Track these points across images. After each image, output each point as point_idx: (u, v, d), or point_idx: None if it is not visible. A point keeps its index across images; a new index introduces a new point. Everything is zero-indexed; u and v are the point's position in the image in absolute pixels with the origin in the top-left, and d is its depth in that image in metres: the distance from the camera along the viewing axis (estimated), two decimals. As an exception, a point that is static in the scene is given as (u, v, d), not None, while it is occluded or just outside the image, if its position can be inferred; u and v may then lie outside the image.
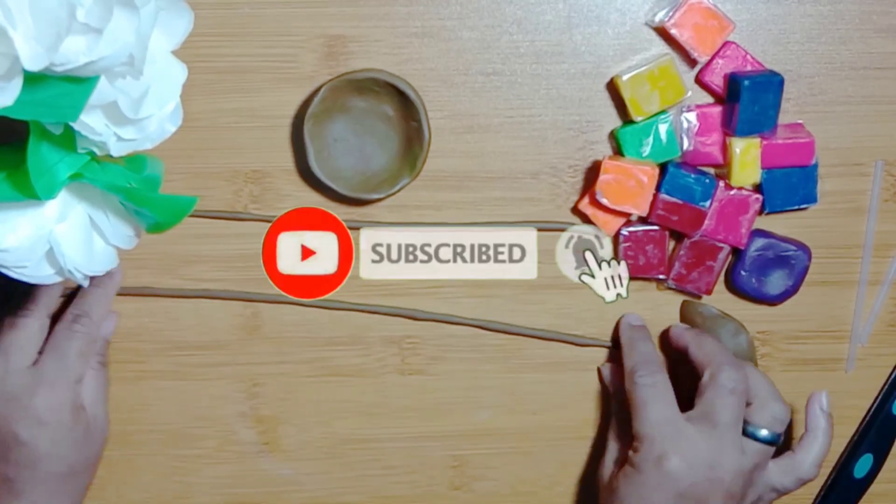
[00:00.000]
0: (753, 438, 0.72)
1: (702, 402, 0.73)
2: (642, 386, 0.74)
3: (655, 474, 0.71)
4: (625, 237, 0.77)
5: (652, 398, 0.73)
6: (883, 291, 0.81)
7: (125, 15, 0.52)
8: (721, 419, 0.71)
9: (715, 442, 0.71)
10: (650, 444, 0.71)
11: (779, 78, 0.74)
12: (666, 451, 0.71)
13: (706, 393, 0.73)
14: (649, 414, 0.72)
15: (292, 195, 0.78)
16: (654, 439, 0.71)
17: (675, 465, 0.70)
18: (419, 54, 0.77)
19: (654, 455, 0.71)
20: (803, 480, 0.74)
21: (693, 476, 0.70)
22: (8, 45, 0.50)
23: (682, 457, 0.70)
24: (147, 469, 0.81)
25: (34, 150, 0.57)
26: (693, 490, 0.70)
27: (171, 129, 0.63)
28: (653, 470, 0.71)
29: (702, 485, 0.70)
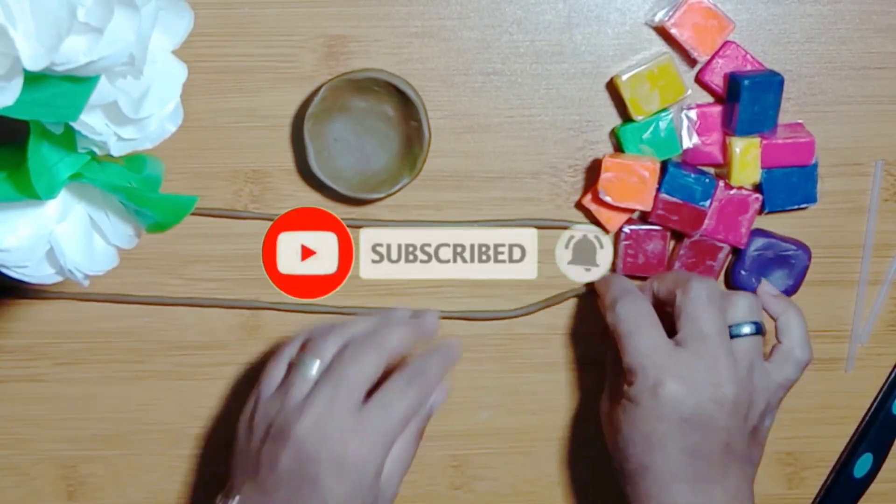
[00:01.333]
0: (738, 337, 0.70)
1: (682, 322, 0.70)
2: (624, 316, 0.71)
3: (654, 404, 0.68)
4: (626, 235, 0.77)
5: (636, 327, 0.70)
6: (883, 291, 0.81)
7: (126, 15, 0.52)
8: (708, 331, 0.69)
9: (708, 358, 0.68)
10: (643, 375, 0.69)
11: (779, 78, 0.74)
12: (660, 378, 0.68)
13: (683, 311, 0.70)
14: (636, 343, 0.70)
15: (292, 195, 0.78)
16: (645, 368, 0.69)
17: (672, 390, 0.68)
18: (419, 54, 0.77)
19: (649, 385, 0.68)
20: (802, 363, 0.72)
21: (694, 397, 0.68)
22: (8, 45, 0.50)
23: (678, 380, 0.68)
24: (147, 469, 0.81)
25: (34, 149, 0.57)
26: (697, 412, 0.68)
27: (172, 129, 0.63)
28: (650, 400, 0.68)
29: (705, 405, 0.68)
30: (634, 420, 0.69)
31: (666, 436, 0.68)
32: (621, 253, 0.78)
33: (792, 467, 0.83)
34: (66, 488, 0.81)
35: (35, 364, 0.80)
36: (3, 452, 0.81)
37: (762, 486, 0.83)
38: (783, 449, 0.83)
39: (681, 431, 0.68)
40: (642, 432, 0.69)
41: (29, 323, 0.79)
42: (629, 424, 0.70)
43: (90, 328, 0.80)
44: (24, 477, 0.81)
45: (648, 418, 0.69)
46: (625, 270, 0.78)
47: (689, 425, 0.68)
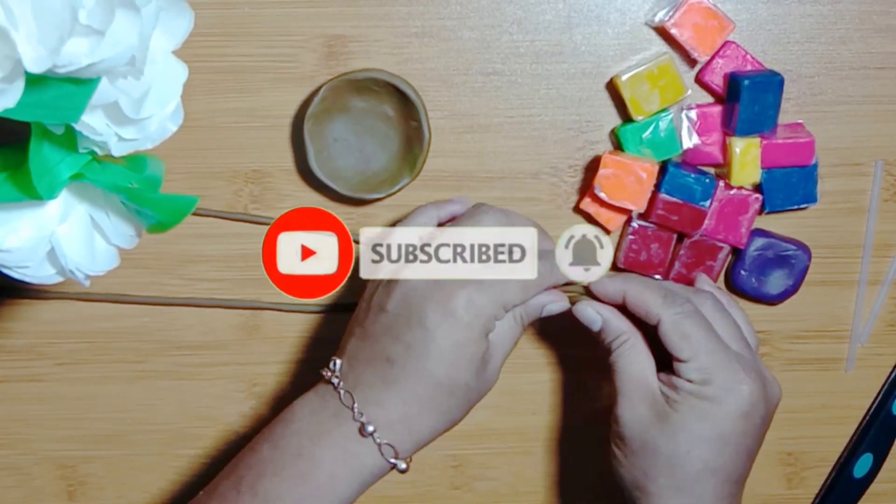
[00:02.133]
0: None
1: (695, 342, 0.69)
2: (683, 315, 0.68)
3: (738, 402, 0.67)
4: (633, 230, 0.77)
5: (698, 325, 0.68)
6: (883, 291, 0.81)
7: (127, 16, 0.52)
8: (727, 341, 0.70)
9: (753, 363, 0.70)
10: (726, 371, 0.68)
11: (779, 78, 0.74)
12: (741, 377, 0.68)
13: (691, 334, 0.68)
14: (712, 342, 0.68)
15: (292, 195, 0.78)
16: (725, 365, 0.68)
17: (754, 389, 0.68)
18: (419, 54, 0.77)
19: (734, 382, 0.68)
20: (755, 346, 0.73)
21: (764, 399, 0.69)
22: (10, 48, 0.50)
23: (753, 380, 0.68)
24: (147, 469, 0.81)
25: (36, 150, 0.57)
26: (764, 413, 0.69)
27: (172, 129, 0.63)
28: (733, 398, 0.67)
29: (767, 407, 0.69)
30: (712, 419, 0.67)
31: (743, 435, 0.68)
32: (625, 247, 0.78)
33: (792, 467, 0.84)
34: (67, 488, 0.81)
35: (35, 364, 0.80)
36: (3, 452, 0.81)
37: (762, 485, 0.83)
38: (783, 449, 0.83)
39: (753, 432, 0.69)
40: (720, 432, 0.68)
41: (29, 323, 0.79)
42: (703, 423, 0.67)
43: (90, 328, 0.80)
44: (25, 477, 0.81)
45: (730, 416, 0.68)
46: (625, 264, 0.78)
47: (755, 426, 0.69)
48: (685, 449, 0.68)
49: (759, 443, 0.70)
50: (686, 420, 0.68)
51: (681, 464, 0.68)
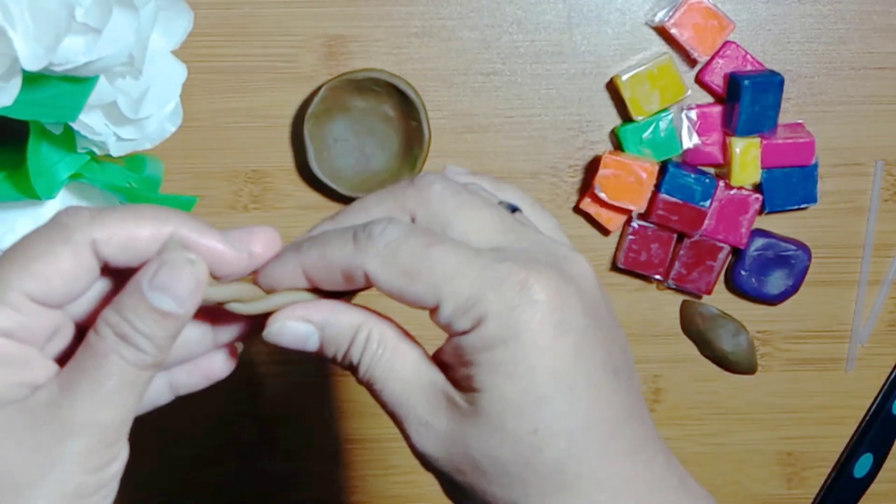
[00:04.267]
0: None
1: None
2: (394, 245, 0.43)
3: (528, 320, 0.42)
4: (633, 230, 0.77)
5: (419, 245, 0.43)
6: (883, 291, 0.81)
7: (124, 15, 0.52)
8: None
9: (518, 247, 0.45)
10: (482, 293, 0.42)
11: (779, 78, 0.74)
12: (509, 288, 0.42)
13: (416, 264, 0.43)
14: (437, 265, 0.43)
15: (292, 195, 0.78)
16: (478, 284, 0.42)
17: (540, 286, 0.42)
18: (419, 54, 0.77)
19: (502, 303, 0.42)
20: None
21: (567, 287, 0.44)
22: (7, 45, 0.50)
23: (537, 272, 0.43)
24: (147, 469, 0.81)
25: (34, 150, 0.57)
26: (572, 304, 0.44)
27: (171, 129, 0.63)
28: (519, 319, 0.42)
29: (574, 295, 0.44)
30: (526, 365, 0.42)
31: (577, 354, 0.44)
32: (625, 247, 0.78)
33: (792, 467, 0.83)
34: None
35: (35, 364, 0.80)
36: (4, 452, 0.81)
37: (762, 485, 0.83)
38: (783, 449, 0.83)
39: (590, 335, 0.45)
40: (552, 373, 0.43)
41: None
42: (520, 381, 0.43)
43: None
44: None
45: (545, 345, 0.43)
46: (625, 264, 0.78)
47: (585, 327, 0.45)
48: (527, 432, 0.42)
49: (614, 331, 0.46)
50: (500, 393, 0.42)
51: (541, 458, 0.43)
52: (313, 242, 0.45)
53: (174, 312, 0.41)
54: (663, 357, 0.81)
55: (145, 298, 0.41)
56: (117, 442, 0.42)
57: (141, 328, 0.41)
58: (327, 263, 0.44)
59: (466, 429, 0.43)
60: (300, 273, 0.45)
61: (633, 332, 0.81)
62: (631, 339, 0.81)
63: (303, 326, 0.45)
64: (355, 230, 0.44)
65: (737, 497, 0.83)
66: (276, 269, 0.45)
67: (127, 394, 0.42)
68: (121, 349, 0.41)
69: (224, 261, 0.43)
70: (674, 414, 0.82)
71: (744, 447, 0.83)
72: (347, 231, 0.44)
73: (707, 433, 0.82)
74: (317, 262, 0.44)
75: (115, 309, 0.41)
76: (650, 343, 0.81)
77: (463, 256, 0.43)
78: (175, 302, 0.41)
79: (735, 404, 0.82)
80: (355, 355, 0.45)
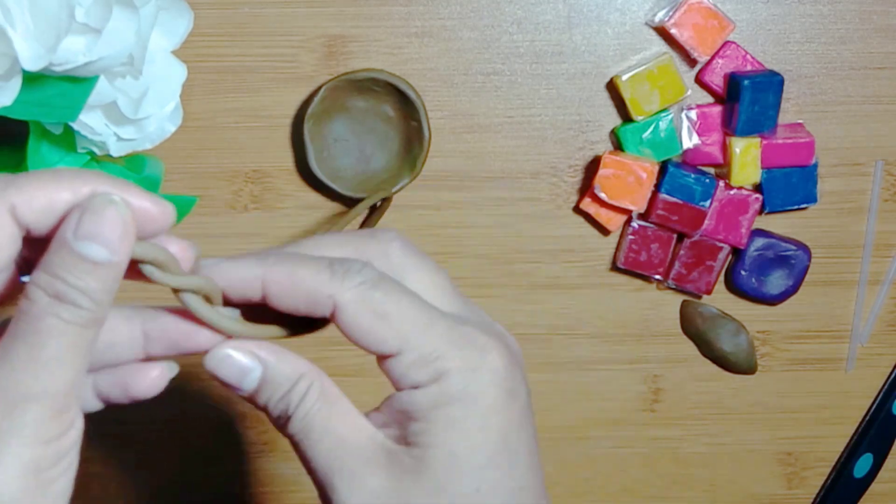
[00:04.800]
0: None
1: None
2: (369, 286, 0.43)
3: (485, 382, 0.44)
4: (633, 230, 0.77)
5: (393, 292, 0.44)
6: (883, 291, 0.81)
7: (124, 15, 0.52)
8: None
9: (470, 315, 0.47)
10: (446, 350, 0.44)
11: (779, 78, 0.74)
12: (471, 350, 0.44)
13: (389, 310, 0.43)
14: (408, 316, 0.43)
15: (292, 195, 0.78)
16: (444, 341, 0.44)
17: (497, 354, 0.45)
18: (419, 54, 0.77)
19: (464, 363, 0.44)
20: None
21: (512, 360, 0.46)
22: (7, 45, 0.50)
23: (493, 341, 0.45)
24: (147, 469, 0.81)
25: (34, 150, 0.57)
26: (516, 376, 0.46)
27: (171, 129, 0.63)
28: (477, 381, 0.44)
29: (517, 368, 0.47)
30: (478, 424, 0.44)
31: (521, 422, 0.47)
32: (625, 247, 0.78)
33: (792, 467, 0.83)
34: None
35: (35, 364, 0.80)
36: (4, 452, 0.81)
37: (762, 486, 0.83)
38: (783, 449, 0.83)
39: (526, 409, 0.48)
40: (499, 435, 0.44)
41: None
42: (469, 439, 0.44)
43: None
44: (25, 477, 0.81)
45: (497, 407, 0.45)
46: (624, 264, 0.78)
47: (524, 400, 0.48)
48: (471, 489, 0.43)
49: (532, 418, 0.47)
50: (447, 450, 0.43)
51: None
52: (283, 259, 0.44)
53: (107, 260, 0.39)
54: (663, 357, 0.81)
55: (74, 250, 0.39)
56: (69, 409, 0.40)
57: (74, 283, 0.39)
58: (294, 283, 0.43)
59: (407, 485, 0.43)
60: (258, 283, 0.44)
61: (633, 332, 0.81)
62: (631, 339, 0.81)
63: (247, 360, 0.45)
64: (331, 261, 0.44)
65: (737, 497, 0.83)
66: (235, 270, 0.44)
67: (71, 356, 0.39)
68: (57, 309, 0.39)
69: (148, 217, 0.41)
70: (674, 414, 0.82)
71: (744, 447, 0.83)
72: (322, 260, 0.44)
73: (707, 433, 0.82)
74: (284, 278, 0.43)
75: (44, 269, 0.39)
76: (650, 343, 0.81)
77: (433, 312, 0.44)
78: (106, 249, 0.39)
79: (735, 404, 0.82)
80: (292, 403, 0.45)
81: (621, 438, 0.82)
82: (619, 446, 0.82)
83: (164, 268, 0.42)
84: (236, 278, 0.44)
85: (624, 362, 0.81)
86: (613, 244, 0.79)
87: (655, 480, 0.83)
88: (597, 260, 0.80)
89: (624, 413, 0.82)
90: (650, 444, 0.83)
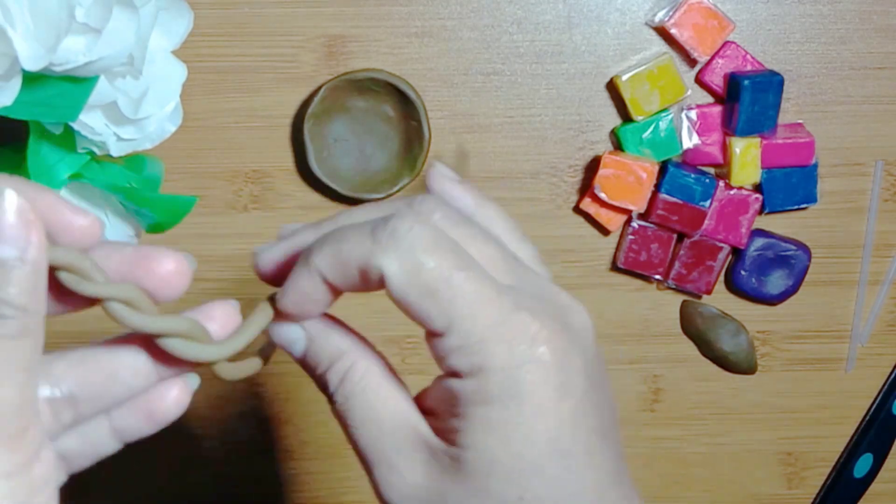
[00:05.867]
0: None
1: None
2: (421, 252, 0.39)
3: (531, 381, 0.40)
4: (633, 230, 0.77)
5: (447, 264, 0.40)
6: (883, 291, 0.81)
7: (124, 15, 0.52)
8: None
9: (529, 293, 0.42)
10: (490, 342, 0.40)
11: (779, 78, 0.74)
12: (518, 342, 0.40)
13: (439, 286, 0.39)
14: (458, 293, 0.39)
15: (292, 195, 0.78)
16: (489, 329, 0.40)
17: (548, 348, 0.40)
18: (419, 54, 0.77)
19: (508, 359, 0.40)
20: None
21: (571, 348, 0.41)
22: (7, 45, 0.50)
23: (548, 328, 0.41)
24: (147, 469, 0.81)
25: (34, 150, 0.57)
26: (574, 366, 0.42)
27: (171, 129, 0.63)
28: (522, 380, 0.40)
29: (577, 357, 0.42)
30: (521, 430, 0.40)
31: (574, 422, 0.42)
32: (625, 247, 0.78)
33: (792, 467, 0.83)
34: (68, 488, 0.81)
35: (35, 364, 0.80)
36: (4, 452, 0.81)
37: (762, 485, 0.83)
38: (783, 449, 0.83)
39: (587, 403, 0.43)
40: (547, 441, 0.41)
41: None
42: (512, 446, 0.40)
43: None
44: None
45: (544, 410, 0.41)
46: (624, 264, 0.78)
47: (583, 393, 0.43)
48: (513, 498, 0.40)
49: (606, 389, 0.43)
50: (491, 456, 0.40)
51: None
52: (325, 242, 0.40)
53: (16, 257, 0.35)
54: (663, 357, 0.81)
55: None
56: (23, 434, 0.36)
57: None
58: (342, 264, 0.40)
59: (446, 486, 0.41)
60: (320, 283, 0.41)
61: (633, 332, 0.81)
62: (631, 339, 0.81)
63: (294, 329, 0.43)
64: (374, 224, 0.40)
65: (737, 497, 0.83)
66: (296, 295, 0.42)
67: (9, 374, 0.36)
68: None
69: (64, 221, 0.37)
70: (674, 414, 0.82)
71: (744, 447, 0.83)
72: (365, 225, 0.40)
73: (707, 433, 0.82)
74: (332, 263, 0.40)
75: None
76: (650, 343, 0.81)
77: (486, 292, 0.39)
78: (11, 245, 0.35)
79: (735, 404, 0.82)
80: (333, 381, 0.43)
81: (621, 438, 0.82)
82: (619, 446, 0.82)
83: (83, 275, 0.38)
84: (304, 301, 0.42)
85: (624, 362, 0.81)
86: (613, 244, 0.79)
87: (655, 480, 0.83)
88: (597, 260, 0.80)
89: (624, 413, 0.82)
90: (650, 444, 0.83)
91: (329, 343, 0.43)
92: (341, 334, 0.43)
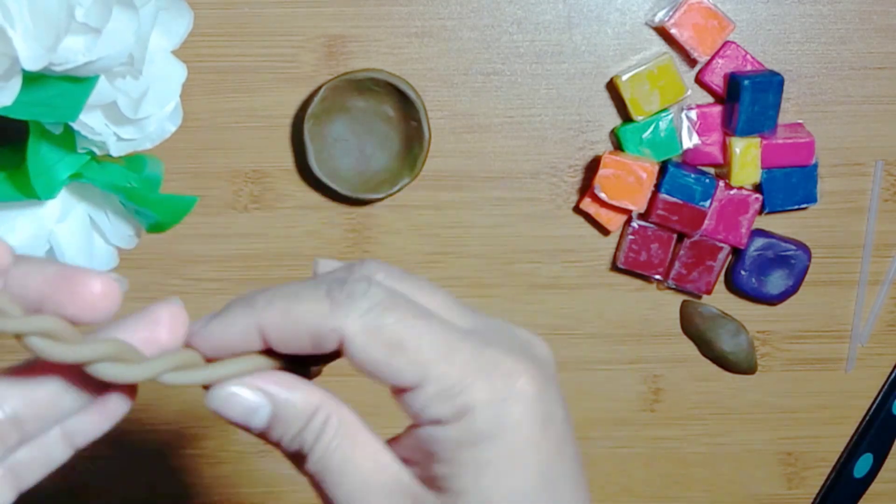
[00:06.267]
0: None
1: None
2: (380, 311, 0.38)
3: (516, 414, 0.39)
4: (633, 230, 0.77)
5: (407, 315, 0.39)
6: (883, 291, 0.81)
7: (124, 15, 0.52)
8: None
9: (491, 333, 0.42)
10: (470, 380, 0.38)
11: (779, 78, 0.74)
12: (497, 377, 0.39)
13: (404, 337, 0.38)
14: (426, 342, 0.38)
15: (292, 195, 0.78)
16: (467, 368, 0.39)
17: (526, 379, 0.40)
18: (419, 54, 0.77)
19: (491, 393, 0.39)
20: None
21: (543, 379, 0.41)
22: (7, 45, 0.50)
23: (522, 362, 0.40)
24: (147, 469, 0.81)
25: (34, 150, 0.57)
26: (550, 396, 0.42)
27: (171, 129, 0.63)
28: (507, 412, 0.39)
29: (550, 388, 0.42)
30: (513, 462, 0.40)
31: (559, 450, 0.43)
32: (625, 247, 0.78)
33: (792, 467, 0.83)
34: (68, 488, 0.81)
35: (35, 364, 0.80)
36: (4, 452, 0.81)
37: (762, 485, 0.83)
38: (783, 449, 0.83)
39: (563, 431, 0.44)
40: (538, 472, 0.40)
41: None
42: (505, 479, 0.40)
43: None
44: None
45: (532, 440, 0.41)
46: (624, 264, 0.78)
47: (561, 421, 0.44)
48: None
49: (567, 410, 0.42)
50: (480, 498, 0.39)
51: None
52: (275, 297, 0.38)
53: None
54: (663, 357, 0.81)
55: None
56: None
57: None
58: (293, 323, 0.38)
59: None
60: (255, 334, 0.38)
61: (633, 332, 0.81)
62: (631, 339, 0.81)
63: (254, 397, 0.39)
64: (329, 286, 0.38)
65: (737, 497, 0.83)
66: (224, 329, 0.39)
67: None
68: None
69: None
70: (674, 414, 0.82)
71: (744, 447, 0.83)
72: (319, 286, 0.38)
73: (707, 433, 0.82)
74: (279, 320, 0.38)
75: None
76: (650, 343, 0.81)
77: (452, 335, 0.38)
78: None
79: (735, 404, 0.82)
80: (308, 440, 0.39)
81: (621, 438, 0.82)
82: (619, 446, 0.82)
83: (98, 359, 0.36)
84: (229, 338, 0.39)
85: (624, 362, 0.81)
86: (613, 244, 0.79)
87: (655, 480, 0.83)
88: (597, 260, 0.80)
89: (624, 413, 0.82)
90: (650, 444, 0.83)
91: (299, 399, 0.39)
92: (308, 387, 0.40)
